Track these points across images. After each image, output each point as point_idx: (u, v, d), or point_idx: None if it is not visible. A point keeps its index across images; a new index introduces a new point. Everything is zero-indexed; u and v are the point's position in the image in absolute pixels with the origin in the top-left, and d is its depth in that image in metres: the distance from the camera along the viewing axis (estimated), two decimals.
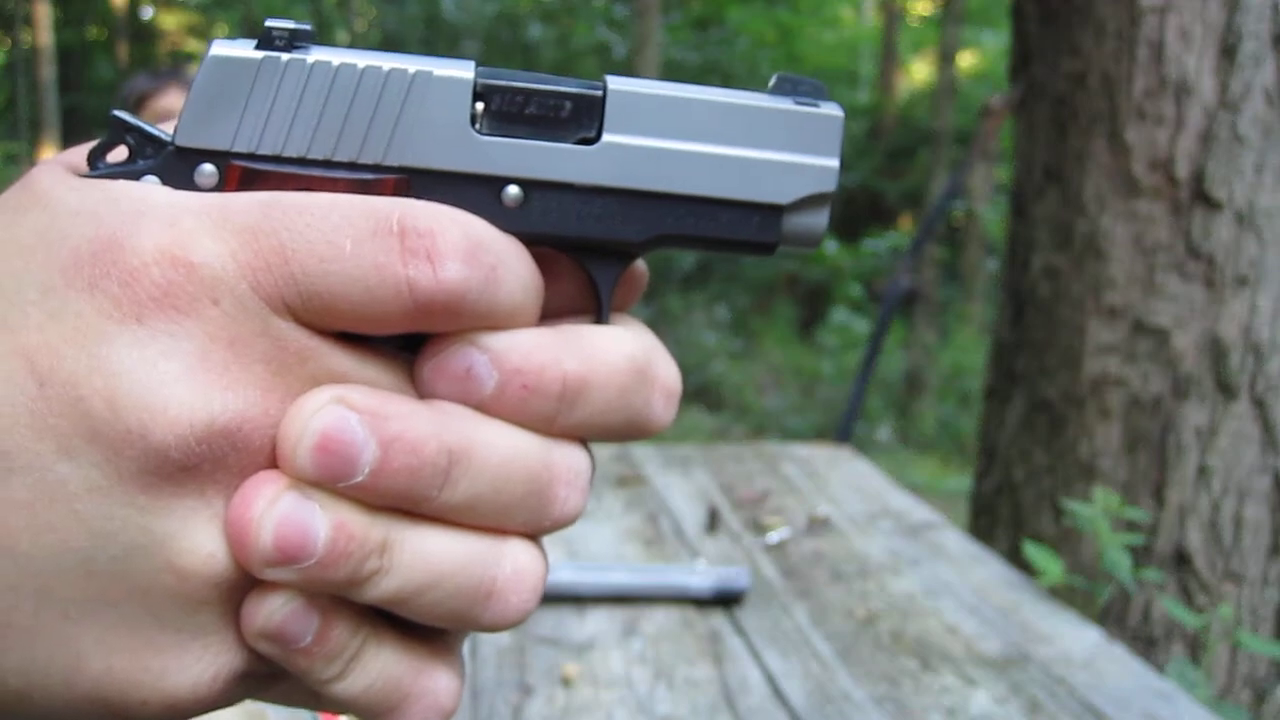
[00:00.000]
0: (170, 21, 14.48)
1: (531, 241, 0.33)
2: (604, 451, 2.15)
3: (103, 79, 13.21)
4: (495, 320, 0.31)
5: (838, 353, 9.37)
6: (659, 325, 9.52)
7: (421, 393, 0.31)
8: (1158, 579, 2.04)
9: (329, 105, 0.32)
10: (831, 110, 0.36)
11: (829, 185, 0.36)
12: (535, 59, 11.77)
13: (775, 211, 0.35)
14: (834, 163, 0.36)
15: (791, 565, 1.56)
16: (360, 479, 0.28)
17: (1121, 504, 1.76)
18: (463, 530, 0.31)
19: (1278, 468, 2.13)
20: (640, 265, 0.37)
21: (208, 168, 0.31)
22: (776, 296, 11.11)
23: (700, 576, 1.41)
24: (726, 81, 11.61)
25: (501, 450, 0.30)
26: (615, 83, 0.34)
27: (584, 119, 0.34)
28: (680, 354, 9.14)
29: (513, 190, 0.33)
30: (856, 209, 11.85)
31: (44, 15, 10.85)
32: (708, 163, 0.35)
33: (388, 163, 0.32)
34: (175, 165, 0.31)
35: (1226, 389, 2.11)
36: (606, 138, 0.34)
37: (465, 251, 0.29)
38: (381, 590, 0.29)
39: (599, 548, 1.60)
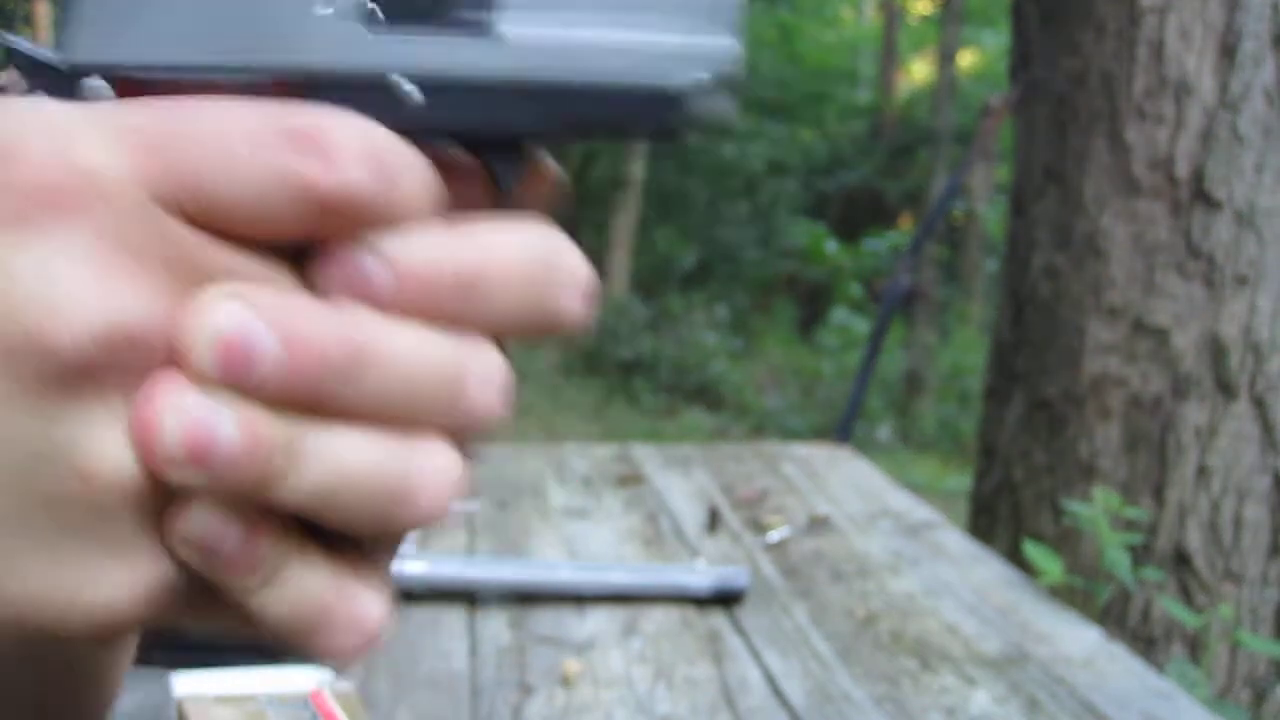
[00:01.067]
0: None
1: (427, 137, 0.32)
2: (604, 451, 2.15)
3: None
4: (393, 222, 0.30)
5: (838, 352, 9.37)
6: (659, 325, 9.53)
7: (317, 297, 0.30)
8: (1158, 578, 2.04)
9: (213, 8, 0.31)
10: None
11: (729, 65, 0.35)
12: None
13: (676, 96, 0.34)
14: (732, 40, 0.35)
15: (791, 565, 1.56)
16: (263, 377, 0.28)
17: (1121, 504, 1.76)
18: (374, 429, 0.30)
19: (1278, 468, 2.13)
20: (547, 161, 0.37)
21: (95, 82, 0.31)
22: (776, 296, 11.12)
23: (700, 576, 1.41)
24: None
25: (406, 346, 0.30)
26: None
27: (476, 8, 0.33)
28: (680, 353, 9.14)
29: (405, 86, 0.33)
30: (856, 208, 11.86)
31: (44, 15, 10.87)
32: (604, 48, 0.34)
33: (276, 65, 0.32)
34: (63, 82, 0.31)
35: (1226, 389, 2.11)
36: (499, 28, 0.33)
37: (361, 152, 0.29)
38: (293, 491, 0.29)
39: (598, 547, 1.61)
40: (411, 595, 1.31)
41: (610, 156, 9.97)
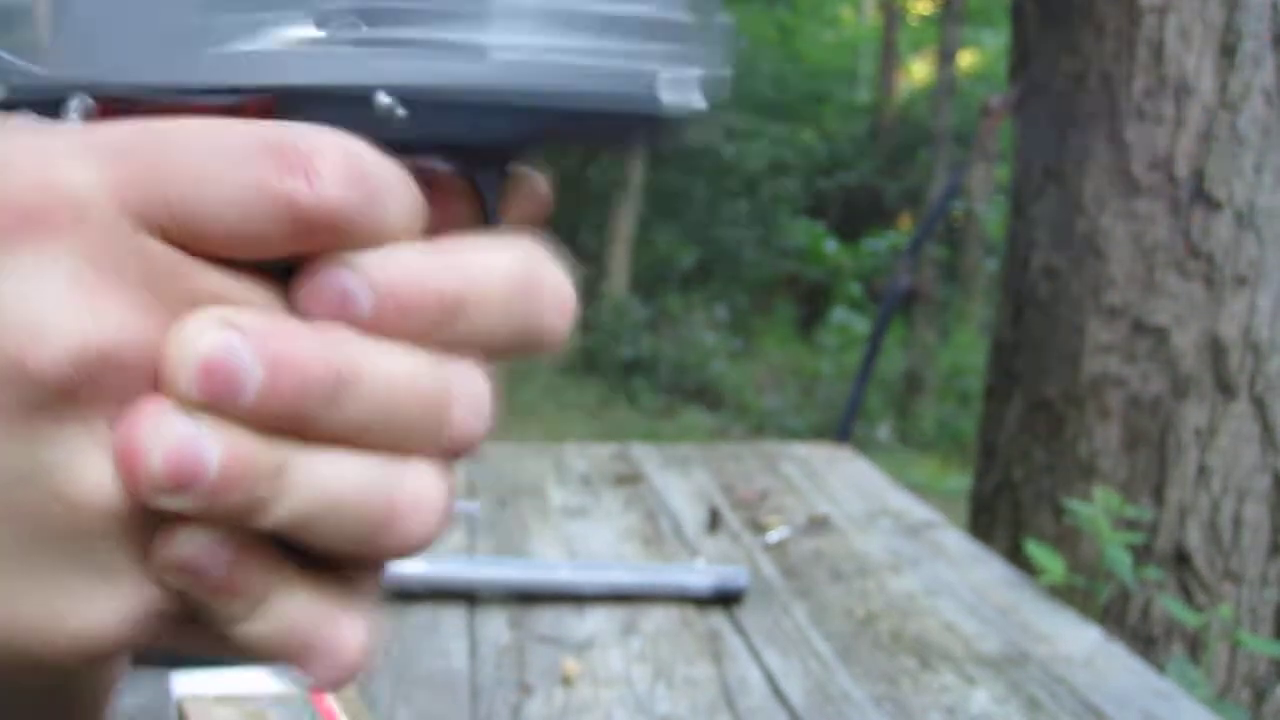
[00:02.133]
0: None
1: (408, 151, 0.32)
2: (603, 450, 2.15)
3: None
4: (376, 240, 0.30)
5: (837, 352, 9.37)
6: (659, 325, 9.53)
7: (299, 317, 0.30)
8: (1157, 578, 2.04)
9: (196, 29, 0.31)
10: (718, 17, 0.35)
11: (713, 91, 0.35)
12: None
13: (660, 119, 0.35)
14: (720, 70, 0.35)
15: (791, 565, 1.56)
16: (247, 400, 0.27)
17: (1121, 503, 1.76)
18: (358, 452, 0.30)
19: (1277, 467, 2.13)
20: (533, 174, 0.36)
21: (77, 101, 0.30)
22: (776, 296, 11.12)
23: (699, 575, 1.41)
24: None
25: (388, 369, 0.30)
26: None
27: (463, 23, 0.33)
28: (680, 353, 9.14)
29: (383, 99, 0.32)
30: (856, 208, 11.86)
31: (43, 17, 10.85)
32: (589, 68, 0.34)
33: (255, 83, 0.31)
34: (49, 104, 0.30)
35: (1226, 388, 2.11)
36: (485, 40, 0.33)
37: (344, 169, 0.29)
38: (277, 515, 0.28)
39: (598, 546, 1.61)
40: (411, 595, 1.31)
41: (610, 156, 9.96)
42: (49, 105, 0.30)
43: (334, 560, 0.32)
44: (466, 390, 0.31)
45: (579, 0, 0.34)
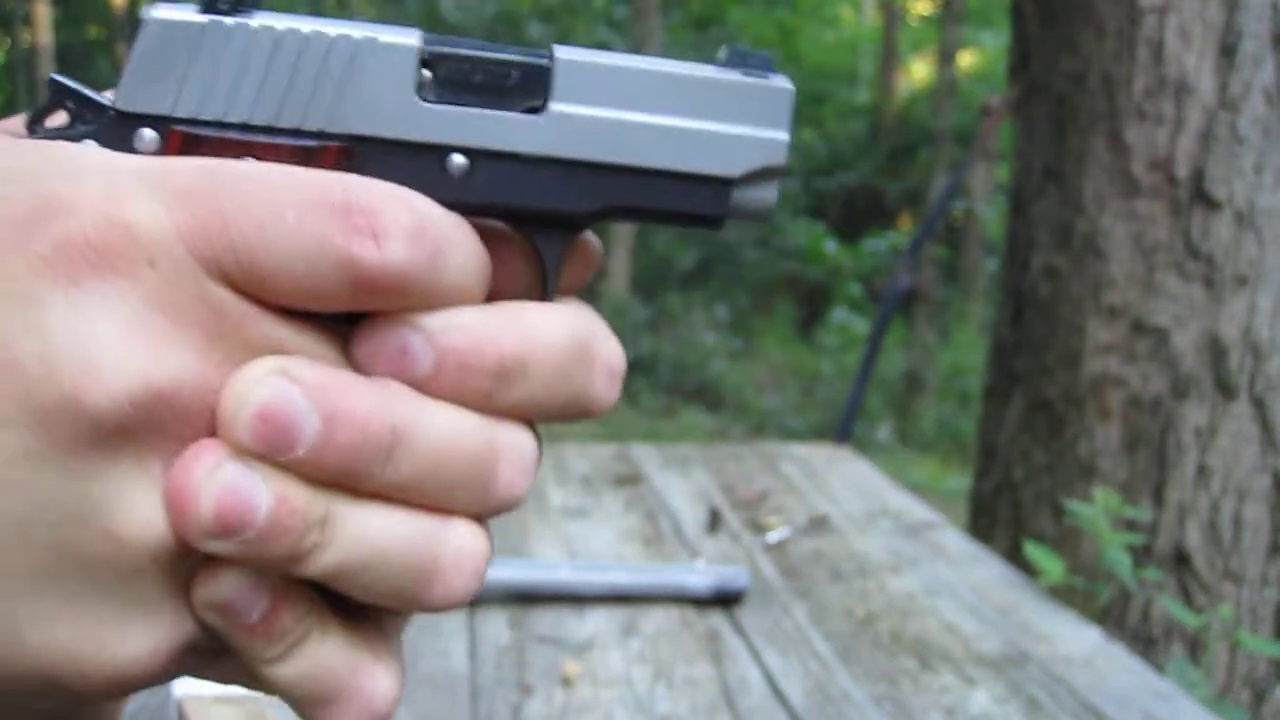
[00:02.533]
0: None
1: (476, 213, 0.33)
2: (604, 451, 2.15)
3: (102, 78, 13.22)
4: (439, 300, 0.30)
5: (837, 352, 9.37)
6: (659, 325, 9.52)
7: (358, 371, 0.30)
8: (1157, 579, 2.04)
9: (272, 71, 0.31)
10: (781, 83, 0.35)
11: (779, 158, 0.35)
12: None
13: (724, 184, 0.35)
14: (784, 135, 0.35)
15: (791, 565, 1.56)
16: (301, 452, 0.28)
17: (1121, 503, 1.76)
18: (405, 508, 0.30)
19: (1277, 467, 2.13)
20: (591, 240, 0.37)
21: (148, 133, 0.31)
22: (776, 296, 11.11)
23: (699, 576, 1.41)
24: None
25: (443, 428, 0.30)
26: (563, 52, 0.34)
27: (532, 88, 0.33)
28: (680, 353, 9.14)
29: (458, 159, 0.33)
30: (856, 208, 11.86)
31: (43, 15, 10.85)
32: (656, 134, 0.34)
33: (332, 130, 0.32)
34: (115, 130, 0.31)
35: (1226, 389, 2.11)
36: (553, 107, 0.33)
37: (411, 230, 0.29)
38: (321, 565, 0.29)
39: (598, 547, 1.60)
40: None
41: None
42: (116, 134, 0.30)
43: (370, 608, 0.32)
44: (514, 451, 0.32)
45: (644, 64, 0.34)
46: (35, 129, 0.31)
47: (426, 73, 0.33)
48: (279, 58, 0.31)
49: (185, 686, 0.81)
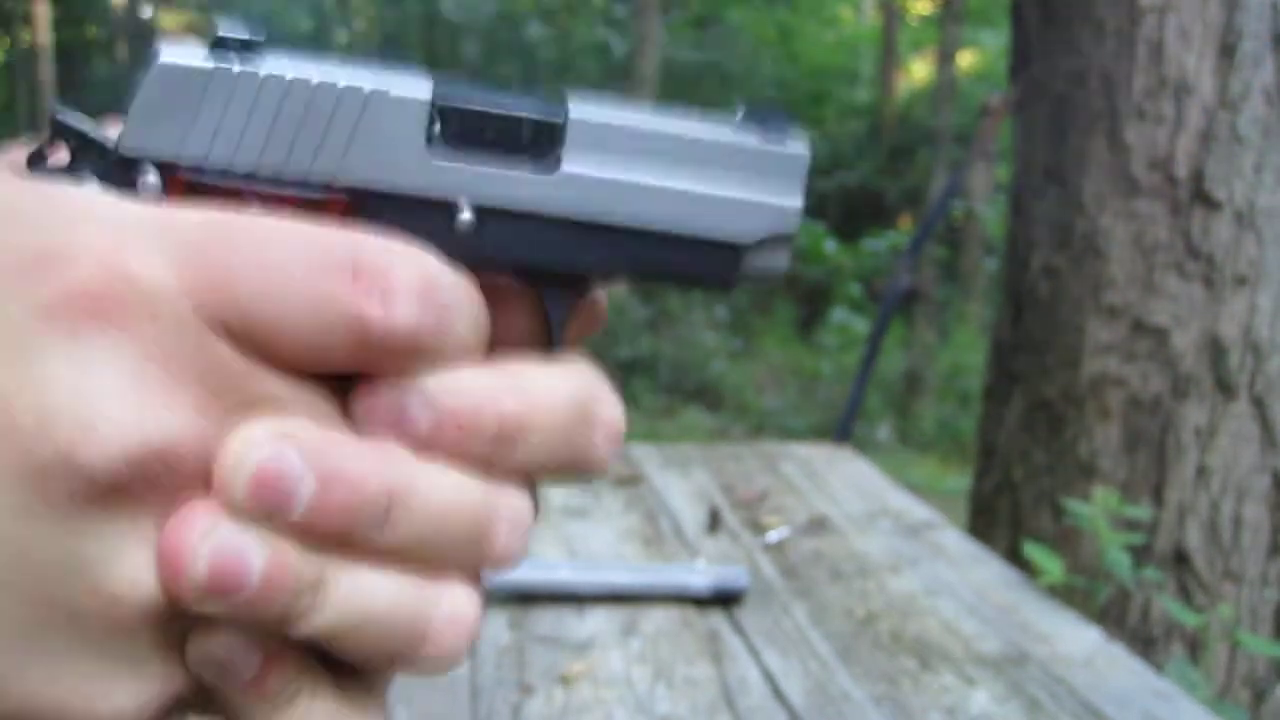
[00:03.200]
0: (170, 21, 14.48)
1: (483, 268, 0.32)
2: None
3: (102, 78, 13.21)
4: (443, 360, 0.30)
5: (837, 352, 9.37)
6: (659, 324, 9.52)
7: (356, 430, 0.30)
8: (1157, 578, 2.04)
9: (280, 120, 0.31)
10: (797, 149, 0.35)
11: (791, 227, 0.35)
12: (534, 58, 11.77)
13: (734, 250, 0.35)
14: (796, 203, 0.35)
15: (791, 565, 1.56)
16: (297, 514, 0.28)
17: (1121, 503, 1.76)
18: (399, 570, 0.30)
19: (1277, 467, 2.13)
20: (599, 298, 0.36)
21: (151, 178, 0.30)
22: (776, 296, 11.11)
23: (699, 576, 1.41)
24: (725, 81, 11.61)
25: (441, 491, 0.30)
26: (577, 110, 0.33)
27: (543, 145, 0.33)
28: (680, 353, 9.14)
29: (466, 215, 0.32)
30: (856, 208, 11.85)
31: (43, 15, 10.84)
32: (668, 198, 0.34)
33: (339, 181, 0.31)
34: (118, 172, 0.30)
35: (1226, 388, 2.11)
36: (565, 167, 0.33)
37: (420, 292, 0.29)
38: (314, 626, 0.29)
39: (598, 547, 1.61)
40: None
41: None
42: (116, 174, 0.30)
43: (356, 666, 0.32)
44: (511, 514, 0.31)
45: (659, 125, 0.34)
46: (36, 166, 0.30)
47: (436, 126, 0.32)
48: (287, 107, 0.31)
49: None
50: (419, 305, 0.29)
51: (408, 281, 0.29)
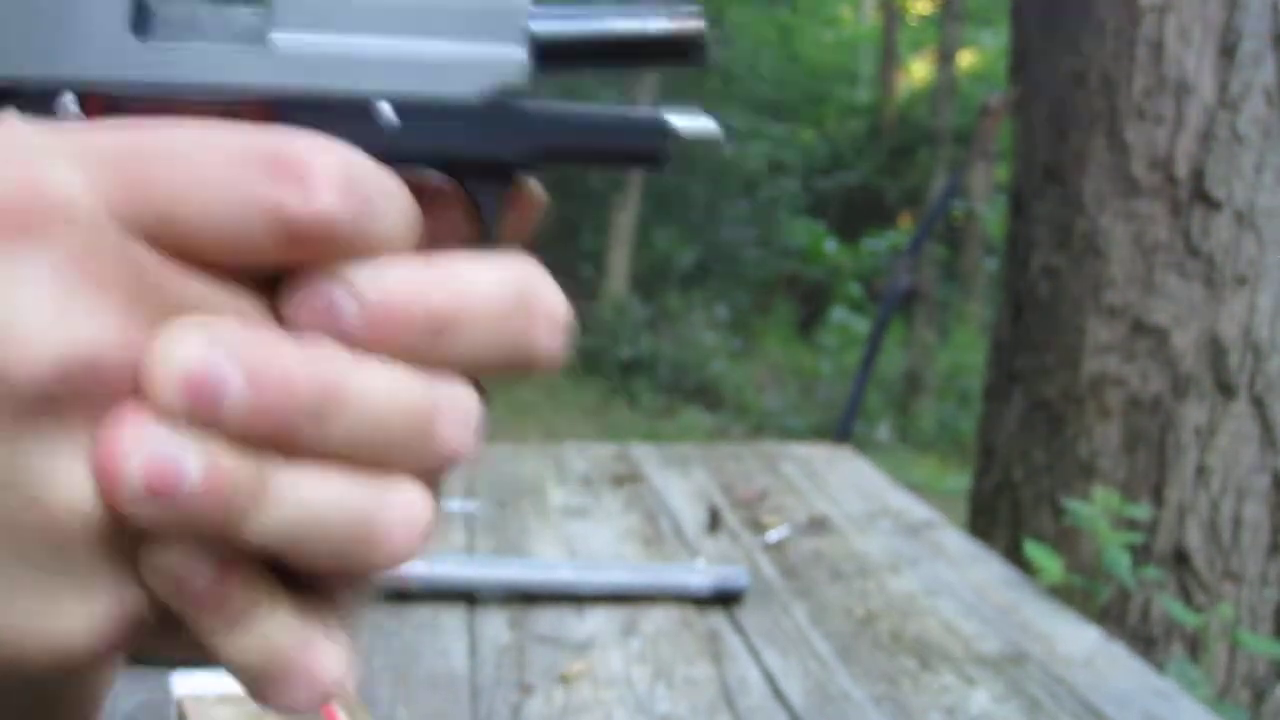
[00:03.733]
0: None
1: (407, 162, 0.32)
2: (603, 450, 2.15)
3: None
4: (369, 252, 0.29)
5: (837, 352, 9.37)
6: (659, 324, 9.53)
7: (286, 330, 0.29)
8: (1157, 578, 2.04)
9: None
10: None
11: (516, 76, 0.33)
12: None
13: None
14: (519, 52, 0.33)
15: (791, 564, 1.56)
16: (229, 414, 0.27)
17: (1121, 503, 1.76)
18: (342, 469, 0.29)
19: (1277, 467, 2.13)
20: (532, 186, 0.35)
21: (67, 99, 0.30)
22: (776, 295, 11.12)
23: (699, 575, 1.41)
24: (727, 82, 11.60)
25: (376, 385, 0.29)
26: None
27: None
28: (679, 353, 9.14)
29: (385, 109, 0.32)
30: (856, 208, 11.86)
31: None
32: (383, 66, 0.32)
33: (252, 86, 0.31)
34: (33, 101, 0.30)
35: (1226, 388, 2.12)
36: (274, 35, 0.31)
37: (341, 178, 0.28)
38: (258, 530, 0.28)
39: (598, 546, 1.61)
40: (411, 595, 1.31)
41: None
42: (37, 103, 0.30)
43: (316, 578, 0.32)
44: (454, 407, 0.31)
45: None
46: None
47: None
48: None
49: (186, 686, 0.81)
50: (339, 192, 0.28)
51: (327, 169, 0.28)
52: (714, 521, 1.71)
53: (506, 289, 0.31)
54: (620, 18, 0.34)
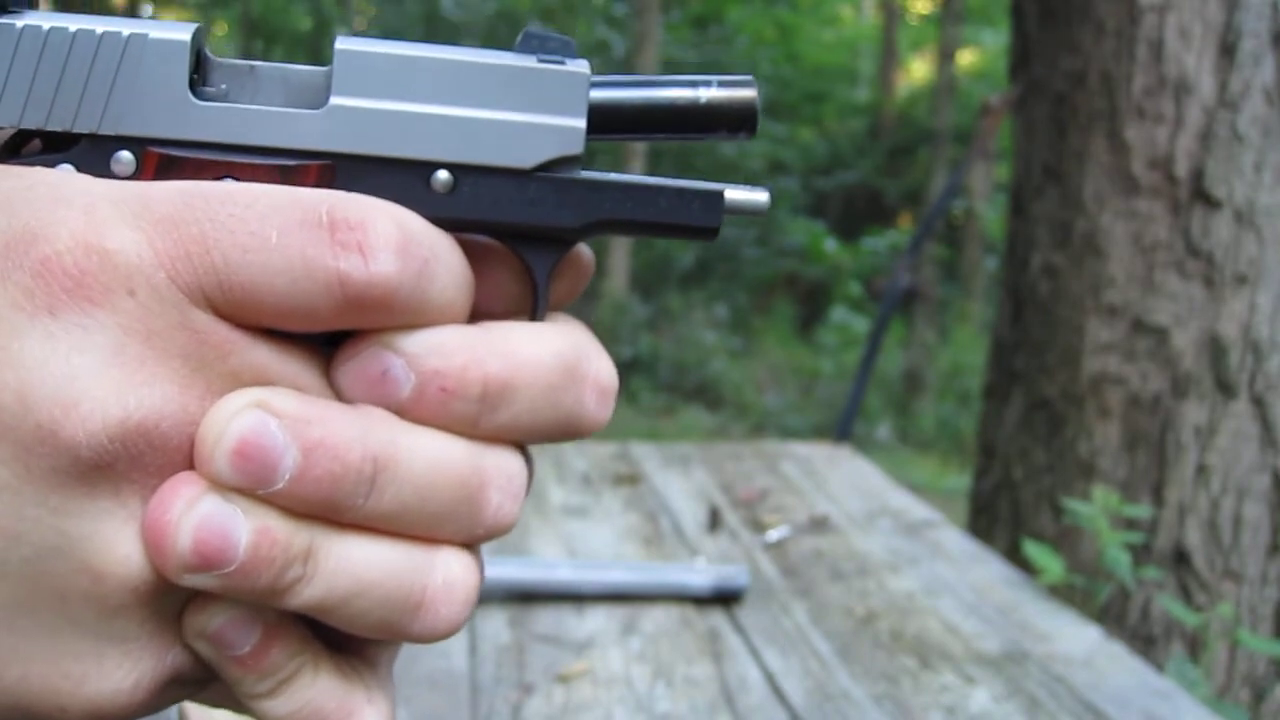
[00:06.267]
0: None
1: (464, 228, 0.32)
2: (603, 450, 2.15)
3: None
4: (426, 317, 0.30)
5: (837, 351, 9.37)
6: (659, 323, 9.52)
7: (339, 397, 0.30)
8: (1157, 577, 2.04)
9: (42, 71, 0.30)
10: (577, 67, 0.34)
11: (574, 147, 0.34)
12: None
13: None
14: (579, 123, 0.33)
15: (791, 564, 1.56)
16: (281, 485, 0.27)
17: (1121, 502, 1.76)
18: (391, 538, 0.30)
19: (1277, 466, 2.13)
20: (584, 253, 0.36)
21: (124, 154, 0.30)
22: (776, 295, 11.12)
23: (699, 575, 1.41)
24: None
25: (427, 456, 0.29)
26: (343, 42, 0.32)
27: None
28: (680, 352, 9.14)
29: (442, 175, 0.32)
30: (856, 207, 11.86)
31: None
32: (444, 125, 0.33)
33: (312, 148, 0.31)
34: (91, 153, 0.30)
35: (1225, 387, 2.11)
36: (333, 100, 0.32)
37: (398, 244, 0.28)
38: (304, 598, 0.28)
39: (598, 546, 1.61)
40: None
41: (610, 155, 9.96)
42: (94, 157, 0.30)
43: (359, 641, 0.32)
44: (503, 477, 0.31)
45: (427, 53, 0.33)
46: (8, 157, 0.30)
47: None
48: (48, 58, 0.30)
49: None
50: (398, 257, 0.28)
51: (385, 234, 0.28)
52: (714, 521, 1.71)
53: (559, 359, 0.31)
54: (675, 87, 0.34)
